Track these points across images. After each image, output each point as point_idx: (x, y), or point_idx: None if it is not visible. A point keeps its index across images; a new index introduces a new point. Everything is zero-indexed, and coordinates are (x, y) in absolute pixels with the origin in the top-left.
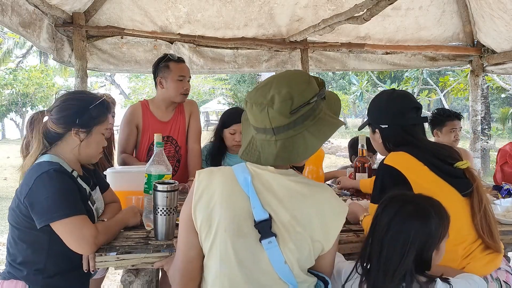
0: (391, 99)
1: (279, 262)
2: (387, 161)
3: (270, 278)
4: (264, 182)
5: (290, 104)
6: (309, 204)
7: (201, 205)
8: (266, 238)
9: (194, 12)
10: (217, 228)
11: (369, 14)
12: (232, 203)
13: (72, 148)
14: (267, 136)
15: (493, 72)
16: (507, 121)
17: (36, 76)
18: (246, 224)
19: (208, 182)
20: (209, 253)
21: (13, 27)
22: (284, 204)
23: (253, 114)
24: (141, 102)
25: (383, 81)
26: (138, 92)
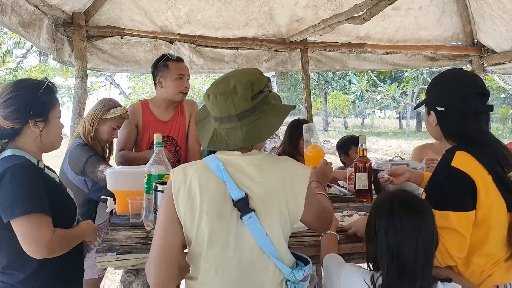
0: (454, 78)
1: (261, 236)
2: (456, 164)
3: (254, 252)
4: (235, 165)
5: (250, 90)
6: (276, 175)
7: (182, 197)
8: (246, 214)
9: (194, 12)
10: (200, 214)
11: (369, 14)
12: (209, 188)
13: (33, 139)
14: (231, 124)
15: (493, 72)
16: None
17: (36, 76)
18: (226, 205)
19: (184, 176)
20: (196, 239)
21: (13, 27)
22: (256, 180)
23: (217, 105)
24: (141, 101)
25: (383, 81)
26: (138, 92)
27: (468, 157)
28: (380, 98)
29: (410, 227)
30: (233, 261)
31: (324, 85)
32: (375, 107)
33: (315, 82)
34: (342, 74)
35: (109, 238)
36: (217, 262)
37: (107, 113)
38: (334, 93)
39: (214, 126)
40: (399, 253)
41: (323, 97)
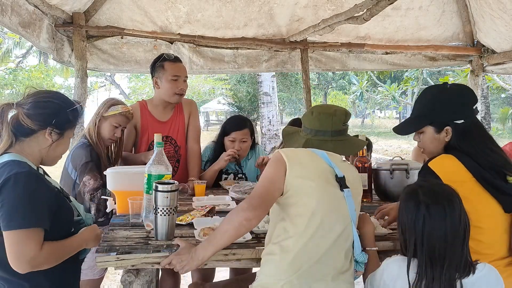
0: (462, 90)
1: (351, 209)
2: (431, 164)
3: (346, 221)
4: (334, 156)
5: (344, 117)
6: (357, 174)
7: (296, 165)
8: (345, 188)
9: (194, 12)
10: (311, 179)
11: (369, 14)
12: (319, 164)
13: (42, 147)
14: (325, 137)
15: (493, 72)
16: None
17: (36, 76)
18: (332, 178)
19: (294, 153)
20: (305, 198)
21: (13, 27)
22: (346, 172)
23: (319, 120)
24: (139, 102)
25: (383, 81)
26: (138, 92)
27: (448, 160)
28: (380, 98)
29: (437, 214)
30: (333, 222)
31: (324, 85)
32: (375, 107)
33: (315, 82)
34: (342, 74)
35: (109, 238)
36: (322, 219)
37: (108, 110)
38: (334, 93)
39: (306, 137)
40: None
41: (323, 97)
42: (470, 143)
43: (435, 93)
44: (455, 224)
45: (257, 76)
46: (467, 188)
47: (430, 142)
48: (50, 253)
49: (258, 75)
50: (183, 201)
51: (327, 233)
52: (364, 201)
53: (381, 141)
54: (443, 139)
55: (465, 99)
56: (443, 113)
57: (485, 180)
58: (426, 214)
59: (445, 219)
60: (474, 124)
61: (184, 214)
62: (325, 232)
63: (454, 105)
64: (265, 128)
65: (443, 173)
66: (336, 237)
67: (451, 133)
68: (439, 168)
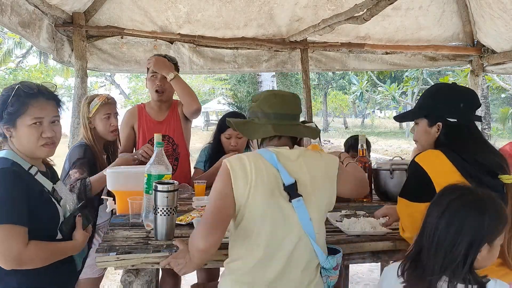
0: (464, 92)
1: (305, 219)
2: (417, 159)
3: (298, 234)
4: (286, 156)
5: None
6: (321, 165)
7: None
8: (295, 197)
9: (194, 12)
10: (255, 192)
11: (369, 14)
12: (264, 173)
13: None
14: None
15: (493, 72)
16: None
17: (36, 76)
18: (278, 189)
19: (240, 162)
20: (249, 214)
21: (13, 27)
22: (303, 170)
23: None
24: (137, 105)
25: (383, 81)
26: (138, 92)
27: (432, 154)
28: (380, 98)
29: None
30: (281, 239)
31: (324, 85)
32: (375, 107)
33: (315, 82)
34: (342, 74)
35: (109, 238)
36: (268, 239)
37: (90, 110)
38: (334, 93)
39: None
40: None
41: (323, 97)
42: (459, 143)
43: (439, 89)
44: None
45: (257, 76)
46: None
47: (421, 134)
48: (36, 253)
49: (258, 75)
50: (183, 201)
51: (276, 252)
52: (364, 201)
53: (381, 141)
54: (434, 134)
55: (465, 100)
56: (438, 109)
57: (470, 175)
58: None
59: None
60: (468, 127)
61: (184, 214)
62: (273, 252)
63: (452, 104)
64: None
65: (429, 166)
66: (288, 254)
67: (441, 129)
68: (426, 162)
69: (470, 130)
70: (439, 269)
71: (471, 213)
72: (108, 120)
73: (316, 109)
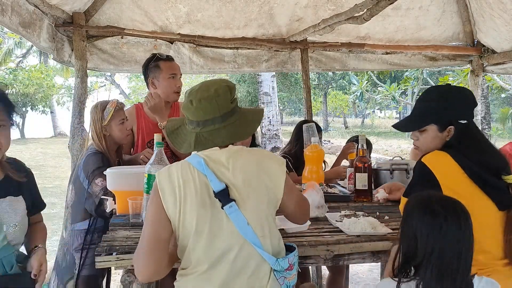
0: (466, 92)
1: (242, 225)
2: (424, 159)
3: (238, 241)
4: (215, 159)
5: (229, 93)
6: (253, 162)
7: (167, 192)
8: (226, 204)
9: (194, 12)
10: (184, 206)
11: (369, 14)
12: (192, 182)
13: None
14: (215, 125)
15: (493, 72)
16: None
17: (36, 76)
18: (208, 196)
19: (168, 173)
20: (183, 231)
21: (13, 27)
22: (235, 171)
23: (202, 108)
24: (135, 105)
25: (383, 81)
26: (138, 92)
27: (439, 155)
28: (380, 98)
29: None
30: (219, 250)
31: (324, 85)
32: (375, 107)
33: (315, 82)
34: (342, 74)
35: (109, 238)
36: (205, 252)
37: (105, 117)
38: (334, 93)
39: (195, 131)
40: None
41: (323, 97)
42: (468, 143)
43: (441, 92)
44: (468, 236)
45: (257, 76)
46: (459, 184)
47: (431, 140)
48: None
49: (258, 75)
50: None
51: (216, 264)
52: (364, 201)
53: (381, 141)
54: (444, 138)
55: (468, 100)
56: (449, 113)
57: (478, 177)
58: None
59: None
60: (473, 126)
61: None
62: (214, 264)
63: (459, 106)
64: (265, 128)
65: (436, 168)
66: (230, 263)
67: (453, 132)
68: (433, 164)
69: (475, 128)
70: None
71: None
72: (124, 125)
73: (316, 109)
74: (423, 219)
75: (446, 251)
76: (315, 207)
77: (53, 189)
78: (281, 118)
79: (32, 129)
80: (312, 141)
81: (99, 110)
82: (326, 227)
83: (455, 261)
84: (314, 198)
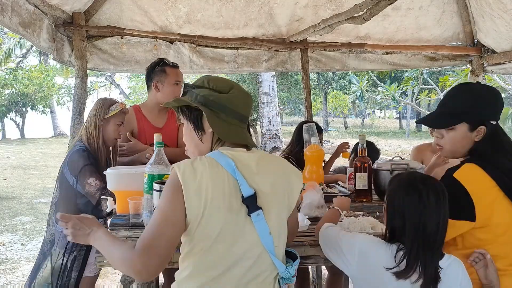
0: (498, 93)
1: (265, 233)
2: (457, 175)
3: (256, 249)
4: (243, 162)
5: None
6: (279, 169)
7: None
8: (254, 211)
9: (194, 12)
10: (211, 208)
11: (369, 14)
12: (221, 184)
13: None
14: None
15: (493, 72)
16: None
17: (36, 76)
18: (236, 201)
19: (192, 171)
20: (202, 233)
21: (13, 27)
22: (263, 177)
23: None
24: (133, 107)
25: (383, 81)
26: (138, 92)
27: (473, 170)
28: (380, 98)
29: (434, 202)
30: (236, 256)
31: (324, 85)
32: (375, 107)
33: (315, 82)
34: (342, 74)
35: None
36: (221, 257)
37: (108, 111)
38: (334, 93)
39: (233, 122)
40: (424, 227)
41: (323, 97)
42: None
43: (474, 90)
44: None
45: (257, 76)
46: (491, 196)
47: (460, 140)
48: None
49: (258, 75)
50: None
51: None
52: (364, 201)
53: (381, 141)
54: (473, 139)
55: (500, 100)
56: (482, 112)
57: (506, 185)
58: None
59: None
60: (500, 127)
61: None
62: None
63: (491, 105)
64: (265, 128)
65: (469, 183)
66: (245, 271)
67: (483, 133)
68: (465, 178)
69: (503, 132)
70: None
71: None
72: (119, 128)
73: (316, 109)
74: (409, 196)
75: (428, 224)
76: (315, 207)
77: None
78: (281, 118)
79: (32, 129)
80: (312, 141)
81: (107, 104)
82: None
83: (434, 232)
84: (314, 198)
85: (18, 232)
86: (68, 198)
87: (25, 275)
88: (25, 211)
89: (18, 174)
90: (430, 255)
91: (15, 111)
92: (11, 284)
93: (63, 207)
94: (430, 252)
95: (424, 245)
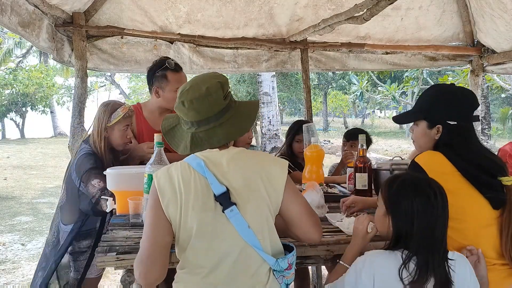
0: (464, 94)
1: (243, 228)
2: (418, 159)
3: (239, 244)
4: (215, 161)
5: (221, 90)
6: (253, 166)
7: (168, 195)
8: (227, 207)
9: (194, 12)
10: (186, 209)
11: (369, 14)
12: (193, 185)
13: None
14: (210, 124)
15: (493, 72)
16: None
17: (36, 76)
18: (209, 200)
19: (167, 175)
20: (183, 234)
21: (13, 27)
22: (235, 174)
23: (195, 109)
24: (134, 106)
25: (383, 81)
26: (138, 92)
27: (433, 155)
28: (380, 98)
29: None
30: (220, 253)
31: (324, 85)
32: (375, 107)
33: (315, 82)
34: (342, 74)
35: (109, 238)
36: (206, 255)
37: (111, 119)
38: (334, 93)
39: (190, 131)
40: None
41: (323, 97)
42: (459, 145)
43: (437, 91)
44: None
45: (257, 76)
46: (452, 182)
47: (420, 136)
48: None
49: (258, 75)
50: None
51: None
52: None
53: (381, 141)
54: (433, 136)
55: (464, 102)
56: (438, 111)
57: (471, 175)
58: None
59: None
60: (467, 129)
61: None
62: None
63: (451, 106)
64: (265, 128)
65: (428, 166)
66: (231, 264)
67: (441, 131)
68: (424, 162)
69: (469, 132)
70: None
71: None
72: (125, 132)
73: (316, 109)
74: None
75: (434, 225)
76: (315, 207)
77: (53, 189)
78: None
79: (32, 129)
80: (312, 141)
81: (108, 111)
82: (326, 227)
83: (441, 235)
84: (314, 198)
85: (18, 232)
86: (74, 201)
87: (25, 275)
88: (25, 211)
89: (18, 174)
90: (438, 258)
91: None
92: (11, 284)
93: (68, 211)
94: (437, 255)
95: (432, 249)
